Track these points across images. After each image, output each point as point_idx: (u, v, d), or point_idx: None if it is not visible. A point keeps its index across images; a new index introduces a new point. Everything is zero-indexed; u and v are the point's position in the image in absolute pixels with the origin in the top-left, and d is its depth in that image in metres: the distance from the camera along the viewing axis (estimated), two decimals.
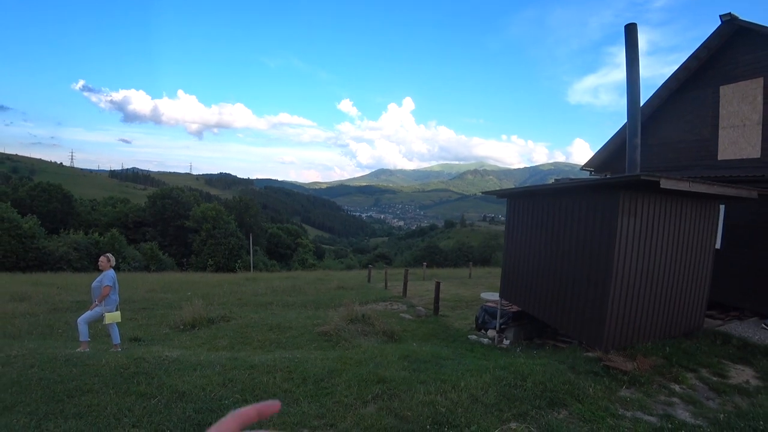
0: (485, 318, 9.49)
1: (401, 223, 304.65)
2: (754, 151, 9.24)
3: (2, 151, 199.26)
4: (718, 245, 8.17)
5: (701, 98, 10.46)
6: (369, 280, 21.47)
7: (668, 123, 11.39)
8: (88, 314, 6.96)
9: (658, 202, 6.13)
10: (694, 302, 7.02)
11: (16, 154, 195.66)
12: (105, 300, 6.96)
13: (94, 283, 7.11)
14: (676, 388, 5.10)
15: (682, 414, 4.51)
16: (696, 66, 10.50)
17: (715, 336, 6.90)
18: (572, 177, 10.45)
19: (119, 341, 7.27)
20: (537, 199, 8.04)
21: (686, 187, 5.54)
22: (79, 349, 6.51)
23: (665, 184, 5.18)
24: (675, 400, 4.80)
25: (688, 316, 6.99)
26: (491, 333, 9.02)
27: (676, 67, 10.92)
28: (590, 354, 5.94)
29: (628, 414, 4.36)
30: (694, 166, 10.46)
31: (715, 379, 5.45)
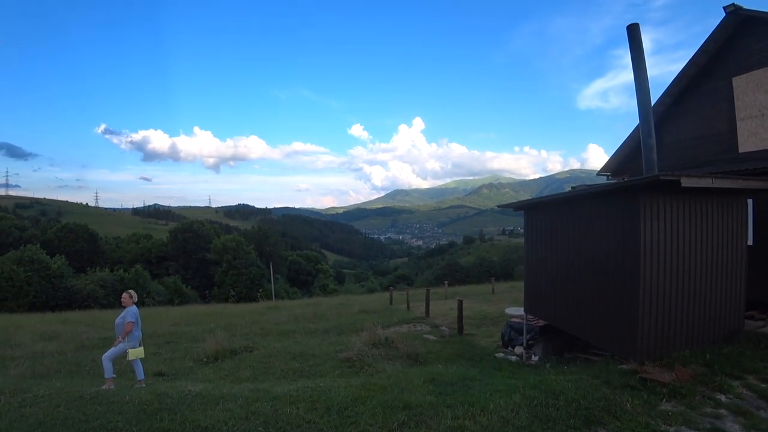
0: (511, 334, 9.22)
1: (420, 242, 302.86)
2: None
3: (31, 195, 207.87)
4: (750, 241, 7.81)
5: (714, 92, 10.20)
6: (391, 303, 21.23)
7: (683, 120, 11.12)
8: (112, 351, 7.00)
9: (681, 202, 5.91)
10: (731, 304, 6.66)
11: (44, 198, 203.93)
12: (128, 336, 6.99)
13: (118, 320, 7.17)
14: (722, 398, 4.78)
15: (732, 427, 4.22)
16: (705, 60, 10.29)
17: (758, 339, 6.50)
18: (589, 183, 10.24)
19: (143, 377, 7.27)
20: (554, 208, 7.87)
21: (709, 184, 5.33)
22: (104, 387, 6.52)
23: (686, 182, 5.00)
24: (722, 411, 4.49)
25: (726, 320, 6.61)
26: (518, 350, 8.74)
27: (683, 64, 10.73)
28: (624, 366, 5.66)
29: (672, 429, 4.10)
30: (715, 161, 10.12)
31: (763, 386, 5.10)
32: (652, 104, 11.16)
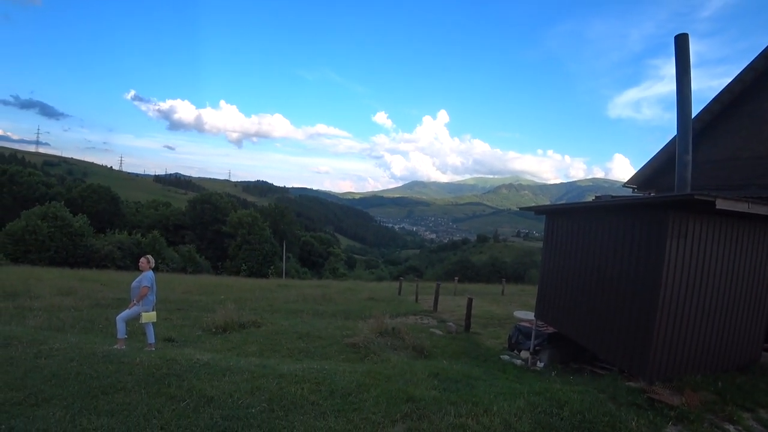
0: (519, 338, 9.15)
1: (433, 235, 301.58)
2: None
3: (59, 154, 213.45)
4: None
5: (759, 112, 9.78)
6: (399, 293, 21.27)
7: (719, 139, 10.72)
8: (126, 313, 7.19)
9: (710, 224, 5.72)
10: (750, 334, 6.48)
11: (72, 158, 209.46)
12: (143, 300, 7.17)
13: (134, 283, 7.35)
14: (731, 428, 4.67)
15: None
16: (752, 78, 9.84)
17: None
18: (613, 194, 10.00)
19: (154, 341, 7.46)
20: (578, 216, 7.72)
21: (745, 209, 5.14)
22: (116, 346, 6.72)
23: (721, 204, 4.83)
24: None
25: (743, 349, 6.44)
26: (524, 354, 8.67)
27: (725, 80, 10.29)
28: (632, 384, 5.56)
29: None
30: (749, 185, 9.76)
31: None
32: (692, 119, 10.81)
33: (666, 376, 5.67)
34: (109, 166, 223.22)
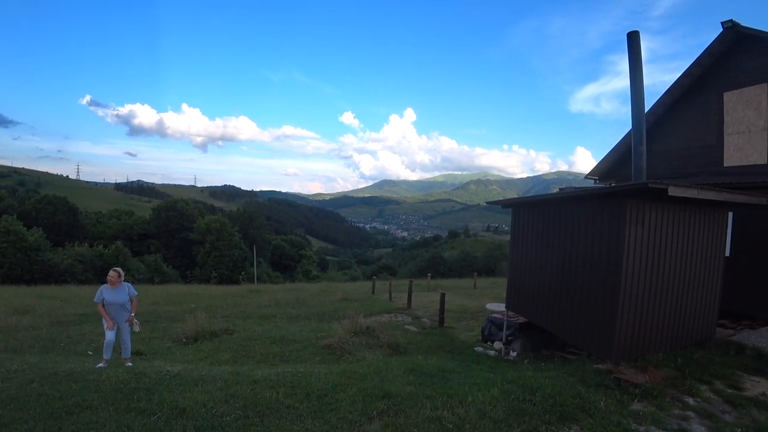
0: (491, 329, 9.35)
1: (405, 233, 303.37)
2: (760, 157, 9.15)
3: (9, 164, 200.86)
4: (727, 253, 8.05)
5: (706, 105, 10.40)
6: (373, 292, 21.30)
7: (673, 130, 11.32)
8: (128, 330, 7.06)
9: (666, 210, 6.04)
10: (705, 311, 6.88)
11: (23, 168, 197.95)
12: (124, 310, 6.99)
13: (119, 299, 6.87)
14: (690, 401, 4.96)
15: (698, 428, 4.38)
16: (699, 73, 10.46)
17: (728, 346, 6.73)
18: (576, 186, 10.38)
19: (126, 356, 7.17)
20: (542, 208, 7.95)
21: (695, 195, 5.45)
22: (128, 364, 6.67)
23: (673, 191, 5.09)
24: (689, 413, 4.66)
25: (699, 326, 6.83)
26: (498, 345, 8.87)
27: (676, 75, 10.91)
28: (600, 366, 5.80)
29: (642, 429, 4.24)
30: (700, 173, 10.36)
31: (729, 391, 5.30)
32: (645, 112, 11.38)
33: (630, 356, 5.94)
34: (65, 175, 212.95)
